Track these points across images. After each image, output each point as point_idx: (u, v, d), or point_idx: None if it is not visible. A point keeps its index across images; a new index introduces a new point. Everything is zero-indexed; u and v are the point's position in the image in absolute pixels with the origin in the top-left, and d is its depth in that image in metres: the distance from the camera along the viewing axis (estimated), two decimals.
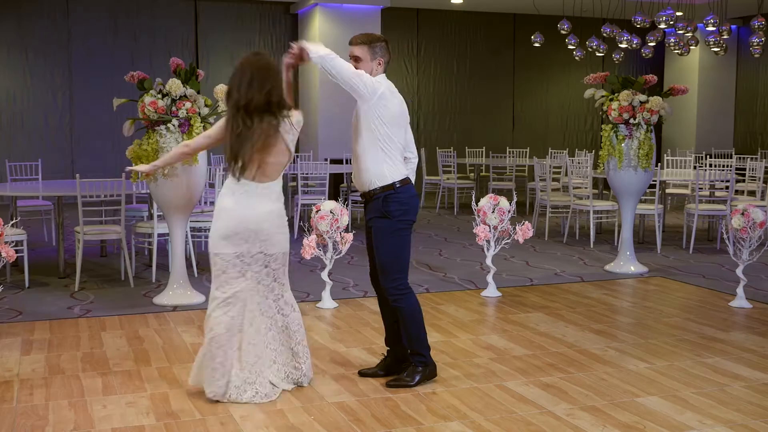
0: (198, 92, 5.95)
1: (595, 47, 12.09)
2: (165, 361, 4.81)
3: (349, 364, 4.75)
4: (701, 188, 9.98)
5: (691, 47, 11.66)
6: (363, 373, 4.54)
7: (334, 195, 11.12)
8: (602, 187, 10.95)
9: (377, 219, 4.27)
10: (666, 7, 10.97)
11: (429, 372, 4.41)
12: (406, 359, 4.45)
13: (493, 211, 6.35)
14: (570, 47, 12.32)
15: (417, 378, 4.35)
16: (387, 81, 4.29)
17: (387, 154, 4.23)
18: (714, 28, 10.60)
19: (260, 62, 4.06)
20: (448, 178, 12.49)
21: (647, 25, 10.75)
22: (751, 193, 10.95)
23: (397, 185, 4.24)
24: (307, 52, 4.06)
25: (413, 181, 4.39)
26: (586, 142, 16.72)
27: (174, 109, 5.82)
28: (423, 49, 15.38)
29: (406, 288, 4.30)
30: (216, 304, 4.12)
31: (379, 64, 4.27)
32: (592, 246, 9.03)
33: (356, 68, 4.19)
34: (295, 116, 4.12)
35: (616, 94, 7.31)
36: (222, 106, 5.99)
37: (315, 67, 15.36)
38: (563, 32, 11.85)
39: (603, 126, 7.45)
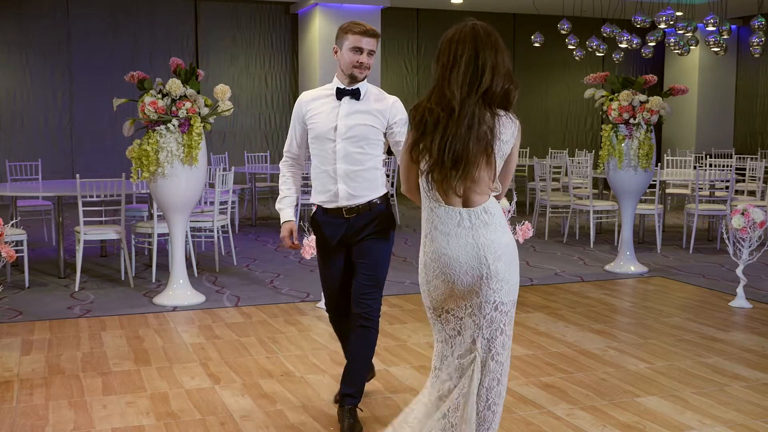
0: (198, 92, 5.95)
1: (595, 47, 12.09)
2: (165, 361, 4.81)
3: None
4: (701, 188, 9.98)
5: (691, 47, 11.66)
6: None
7: None
8: (602, 187, 10.95)
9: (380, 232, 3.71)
10: (666, 7, 10.97)
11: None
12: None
13: None
14: (570, 47, 12.31)
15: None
16: None
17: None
18: (714, 28, 10.59)
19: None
20: None
21: (647, 25, 10.74)
22: (751, 193, 10.96)
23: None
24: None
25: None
26: (586, 142, 16.72)
27: (174, 109, 5.81)
28: (423, 49, 15.37)
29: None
30: None
31: None
32: (592, 246, 9.03)
33: (370, 64, 3.64)
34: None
35: (616, 94, 7.31)
36: (222, 106, 5.98)
37: (314, 67, 15.25)
38: (563, 32, 11.85)
39: (603, 126, 7.45)
